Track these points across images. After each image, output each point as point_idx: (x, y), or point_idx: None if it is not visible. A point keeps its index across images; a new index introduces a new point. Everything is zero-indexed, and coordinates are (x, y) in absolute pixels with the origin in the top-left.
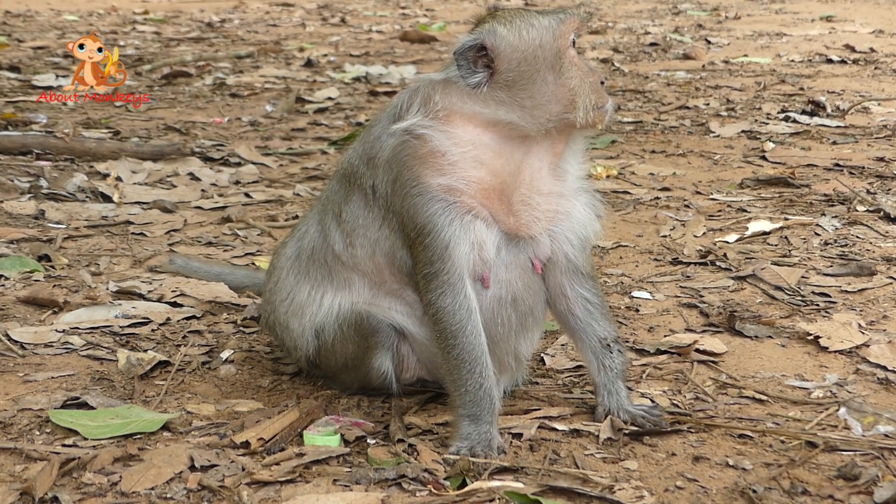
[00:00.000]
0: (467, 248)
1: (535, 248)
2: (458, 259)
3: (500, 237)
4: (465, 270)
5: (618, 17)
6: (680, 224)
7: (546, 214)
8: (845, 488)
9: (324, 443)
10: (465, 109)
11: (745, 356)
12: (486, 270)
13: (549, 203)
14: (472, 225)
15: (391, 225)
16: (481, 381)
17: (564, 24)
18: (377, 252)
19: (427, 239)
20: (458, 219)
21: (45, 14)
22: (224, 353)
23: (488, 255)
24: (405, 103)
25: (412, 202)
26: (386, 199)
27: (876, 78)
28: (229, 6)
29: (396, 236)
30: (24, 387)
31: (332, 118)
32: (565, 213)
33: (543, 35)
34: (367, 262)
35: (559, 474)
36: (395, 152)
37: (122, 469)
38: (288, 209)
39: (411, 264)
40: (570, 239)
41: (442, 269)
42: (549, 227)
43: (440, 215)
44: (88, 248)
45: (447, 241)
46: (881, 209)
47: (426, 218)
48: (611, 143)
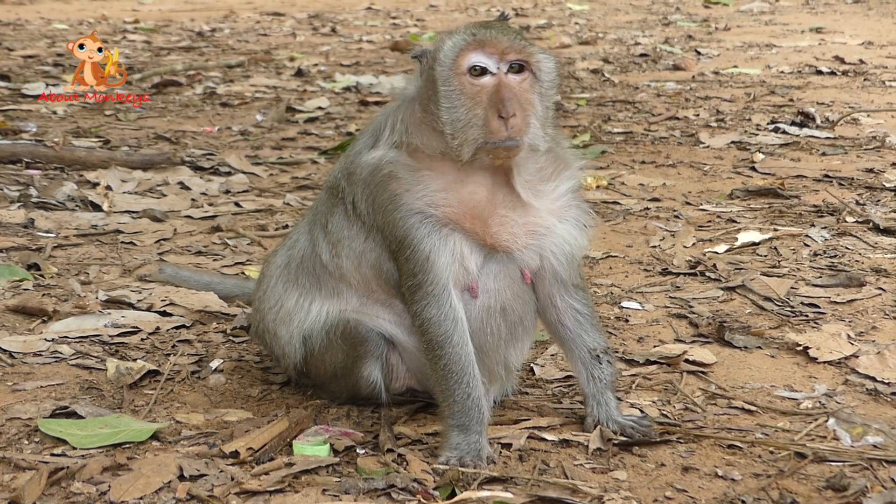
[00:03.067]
0: (448, 259)
1: (522, 258)
2: (439, 270)
3: (482, 249)
4: (449, 281)
5: (608, 28)
6: (670, 234)
7: (525, 230)
8: (834, 499)
9: (313, 452)
10: (414, 141)
11: (734, 367)
12: (474, 281)
13: (528, 223)
14: (451, 237)
15: (375, 238)
16: (469, 390)
17: (454, 48)
18: (363, 264)
19: (408, 252)
20: (435, 231)
21: (35, 23)
22: (213, 362)
23: (471, 266)
24: (382, 125)
25: (390, 218)
26: (367, 215)
27: (865, 89)
28: (220, 15)
29: (381, 249)
30: (12, 396)
31: (323, 128)
32: (546, 229)
33: (439, 57)
34: (354, 273)
35: (548, 484)
36: (372, 175)
37: (110, 478)
38: (278, 219)
39: (398, 276)
40: (555, 253)
41: (425, 280)
42: (531, 243)
43: (417, 228)
44: (78, 257)
45: (427, 253)
46: (870, 220)
47: (404, 231)
48: (601, 154)
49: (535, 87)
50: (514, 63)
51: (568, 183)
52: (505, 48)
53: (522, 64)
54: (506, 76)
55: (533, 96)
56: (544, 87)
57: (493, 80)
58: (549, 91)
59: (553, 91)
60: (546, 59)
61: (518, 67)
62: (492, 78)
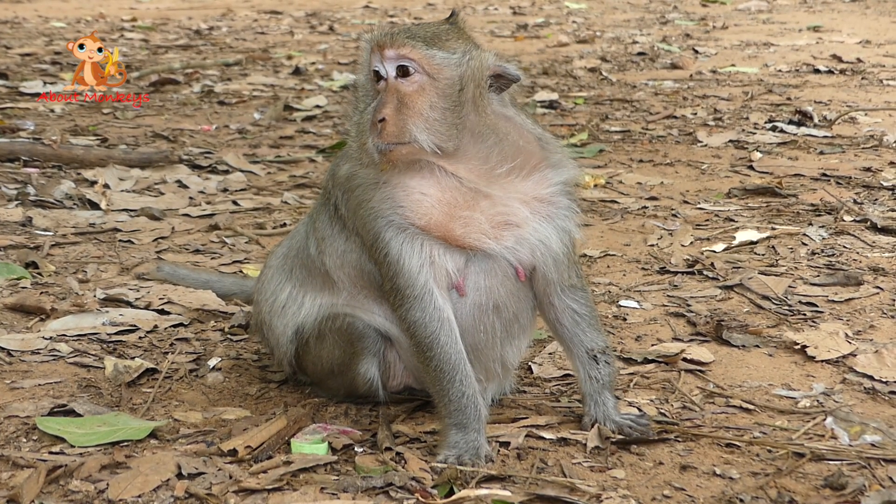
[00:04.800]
0: (418, 261)
1: (514, 255)
2: (412, 273)
3: (461, 250)
4: (428, 282)
5: (605, 27)
6: (667, 233)
7: (493, 223)
8: (832, 498)
9: (311, 451)
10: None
11: (732, 365)
12: (458, 279)
13: (496, 214)
14: (418, 239)
15: (355, 240)
16: (463, 388)
17: (361, 50)
18: (345, 264)
19: (381, 255)
20: (401, 233)
21: (32, 21)
22: (211, 360)
23: (449, 266)
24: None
25: (363, 222)
26: (347, 218)
27: (863, 88)
28: (217, 14)
29: (361, 251)
30: (10, 394)
31: (321, 126)
32: (521, 219)
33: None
34: (338, 271)
35: (546, 483)
36: (348, 180)
37: (109, 477)
38: (276, 217)
39: (380, 279)
40: (536, 245)
41: (403, 283)
42: (504, 234)
43: (385, 231)
44: (76, 256)
45: (396, 257)
46: (868, 219)
47: (374, 235)
48: (598, 153)
49: (429, 88)
50: (401, 66)
51: (551, 177)
52: (387, 52)
53: (408, 66)
54: (395, 80)
55: (425, 101)
56: (441, 86)
57: (383, 84)
58: (449, 90)
59: (454, 89)
60: (441, 58)
61: (404, 70)
62: (384, 83)
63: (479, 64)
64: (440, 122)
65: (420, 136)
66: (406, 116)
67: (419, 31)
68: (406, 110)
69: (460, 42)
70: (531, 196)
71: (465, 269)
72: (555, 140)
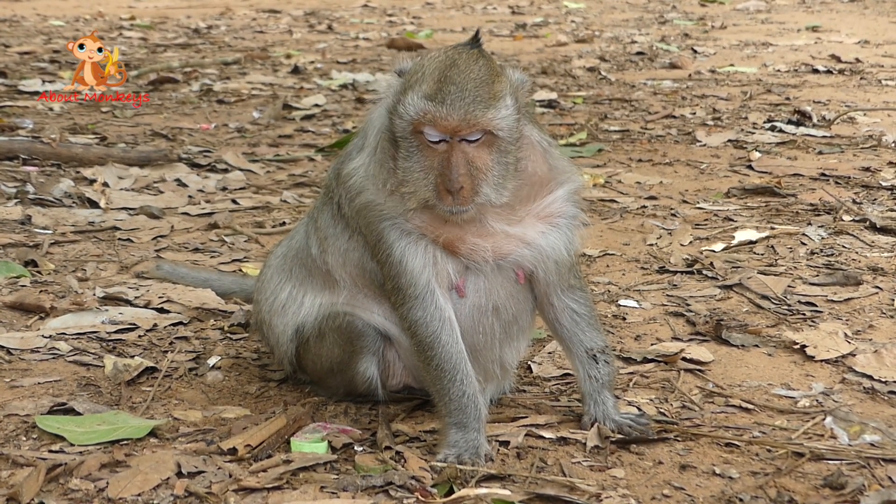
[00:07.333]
0: (422, 261)
1: (514, 258)
2: (415, 273)
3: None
4: (430, 281)
5: (604, 26)
6: (666, 233)
7: (498, 253)
8: (831, 497)
9: (311, 450)
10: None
11: (731, 365)
12: (460, 280)
13: (502, 245)
14: (422, 241)
15: (357, 239)
16: (463, 388)
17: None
18: (347, 262)
19: (383, 255)
20: (405, 234)
21: (31, 19)
22: (211, 359)
23: (449, 269)
24: (366, 130)
25: (366, 222)
26: (350, 217)
27: (861, 88)
28: (216, 12)
29: (363, 250)
30: (10, 392)
31: (320, 125)
32: (526, 244)
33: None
34: (340, 270)
35: (546, 482)
36: (353, 182)
37: (108, 475)
38: (275, 216)
39: (382, 277)
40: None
41: (406, 283)
42: (507, 254)
43: (389, 231)
44: (75, 254)
45: (400, 257)
46: (867, 219)
47: (378, 235)
48: (597, 152)
49: (493, 146)
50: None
51: (559, 193)
52: (455, 127)
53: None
54: (459, 143)
55: (490, 157)
56: (504, 142)
57: (446, 146)
58: (510, 142)
59: (514, 138)
60: (504, 115)
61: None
62: (445, 145)
63: (525, 95)
64: (505, 175)
65: (492, 194)
66: (479, 179)
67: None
68: (477, 172)
69: (501, 80)
70: (541, 217)
71: (466, 271)
72: (557, 149)
